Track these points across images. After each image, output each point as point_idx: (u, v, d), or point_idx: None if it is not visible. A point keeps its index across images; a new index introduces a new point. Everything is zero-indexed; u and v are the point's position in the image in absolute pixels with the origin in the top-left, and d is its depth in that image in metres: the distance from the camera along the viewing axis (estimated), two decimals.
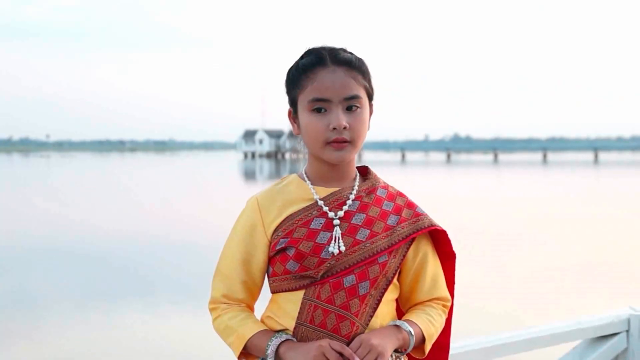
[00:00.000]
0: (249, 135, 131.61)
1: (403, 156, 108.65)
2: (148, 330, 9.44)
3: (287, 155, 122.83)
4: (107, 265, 14.24)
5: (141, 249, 16.51)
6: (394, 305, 2.13)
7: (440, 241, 2.18)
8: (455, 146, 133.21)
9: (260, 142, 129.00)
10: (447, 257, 2.20)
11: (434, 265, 2.14)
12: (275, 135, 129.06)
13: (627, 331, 3.39)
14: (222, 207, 25.51)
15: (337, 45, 2.07)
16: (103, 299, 11.12)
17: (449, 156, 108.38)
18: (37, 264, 14.34)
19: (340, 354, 1.90)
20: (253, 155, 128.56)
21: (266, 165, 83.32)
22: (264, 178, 53.38)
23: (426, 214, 2.14)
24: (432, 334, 2.09)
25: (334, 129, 1.98)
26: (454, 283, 2.22)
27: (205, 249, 15.64)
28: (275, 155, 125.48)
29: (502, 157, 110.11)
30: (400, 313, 2.18)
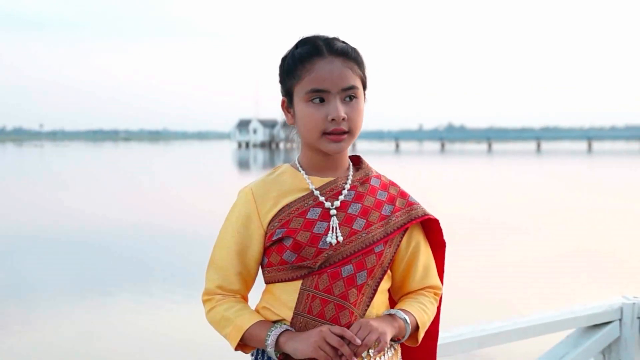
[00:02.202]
0: (243, 124, 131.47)
1: (397, 146, 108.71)
2: (142, 318, 9.45)
3: (281, 145, 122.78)
4: (101, 253, 14.22)
5: (135, 237, 16.49)
6: (387, 295, 2.14)
7: (431, 230, 2.19)
8: (449, 136, 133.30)
9: (254, 131, 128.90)
10: (437, 246, 2.21)
11: (426, 254, 2.16)
12: (269, 124, 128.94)
13: (620, 320, 3.41)
14: (216, 197, 25.49)
15: (330, 35, 2.07)
16: (97, 287, 11.12)
17: (443, 146, 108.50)
18: (31, 252, 14.32)
19: (342, 338, 1.91)
20: (247, 144, 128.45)
21: (260, 155, 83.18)
22: (258, 168, 53.33)
23: (419, 203, 2.15)
24: (425, 322, 2.10)
25: (333, 120, 1.98)
26: (443, 272, 2.24)
27: (200, 238, 15.63)
28: (269, 145, 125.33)
29: (496, 146, 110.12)
30: (392, 303, 2.19)
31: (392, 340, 2.05)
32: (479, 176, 40.16)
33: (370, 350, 2.01)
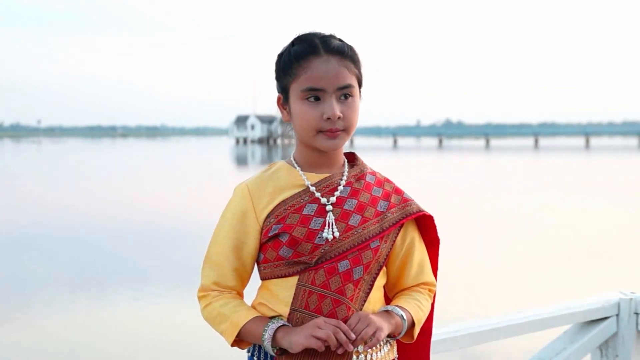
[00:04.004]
0: (241, 120, 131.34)
1: (395, 142, 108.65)
2: (138, 315, 9.45)
3: (279, 141, 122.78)
4: (97, 250, 14.22)
5: (132, 234, 16.49)
6: (383, 291, 2.15)
7: (425, 226, 2.20)
8: (447, 132, 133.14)
9: (252, 127, 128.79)
10: (431, 243, 2.22)
11: (420, 251, 2.17)
12: (267, 120, 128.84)
13: (617, 315, 3.41)
14: (214, 193, 25.48)
15: (326, 32, 2.07)
16: (93, 284, 11.11)
17: (440, 142, 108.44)
18: (27, 249, 14.30)
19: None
20: (245, 140, 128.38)
21: (258, 151, 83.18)
22: (256, 164, 53.32)
23: (413, 200, 2.16)
24: (420, 319, 2.12)
25: (328, 119, 1.98)
26: (437, 268, 2.25)
27: (197, 235, 15.62)
28: (267, 141, 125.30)
29: (494, 142, 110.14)
30: (386, 300, 2.20)
31: (388, 336, 2.06)
32: (476, 172, 40.18)
33: (360, 347, 2.01)
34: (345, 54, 2.03)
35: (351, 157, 2.19)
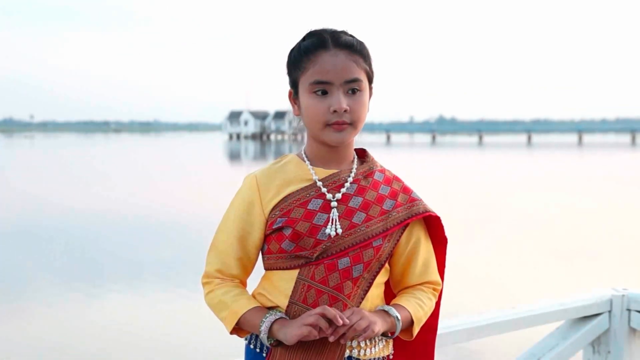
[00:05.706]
0: (234, 116, 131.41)
1: (388, 138, 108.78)
2: (131, 310, 9.45)
3: (272, 137, 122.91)
4: (91, 246, 14.21)
5: (125, 229, 16.47)
6: (383, 288, 2.17)
7: (432, 226, 2.21)
8: (440, 128, 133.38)
9: (246, 123, 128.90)
10: (438, 242, 2.23)
11: (426, 250, 2.18)
12: (261, 116, 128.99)
13: (610, 312, 3.42)
14: (207, 188, 25.50)
15: (338, 28, 2.09)
16: (87, 280, 11.10)
17: (434, 138, 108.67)
18: (20, 245, 14.28)
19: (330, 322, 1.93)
20: (238, 136, 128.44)
21: (251, 147, 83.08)
22: (249, 159, 53.35)
23: (421, 200, 2.17)
24: (420, 318, 2.12)
25: (335, 111, 2.00)
26: (444, 267, 2.26)
27: (190, 230, 15.63)
28: (260, 137, 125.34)
29: (487, 139, 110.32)
30: (389, 296, 2.21)
31: (384, 335, 2.08)
32: (469, 168, 40.24)
33: (354, 342, 2.04)
34: (354, 48, 2.05)
35: (362, 154, 2.21)
